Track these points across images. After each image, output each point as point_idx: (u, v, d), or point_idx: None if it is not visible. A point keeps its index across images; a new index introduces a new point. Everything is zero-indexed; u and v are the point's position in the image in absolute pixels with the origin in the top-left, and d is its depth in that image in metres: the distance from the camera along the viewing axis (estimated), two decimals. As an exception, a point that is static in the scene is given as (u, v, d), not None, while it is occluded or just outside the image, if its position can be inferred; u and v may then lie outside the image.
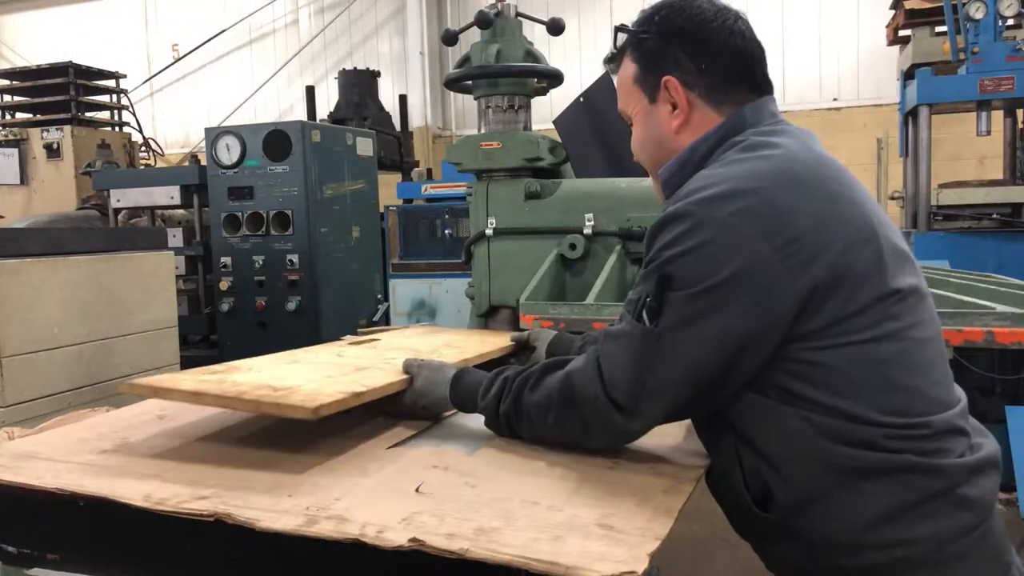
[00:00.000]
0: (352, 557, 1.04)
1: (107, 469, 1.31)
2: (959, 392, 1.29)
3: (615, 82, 1.51)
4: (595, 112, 2.88)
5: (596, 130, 2.89)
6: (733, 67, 1.37)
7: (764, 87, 1.40)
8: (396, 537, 1.02)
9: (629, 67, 1.44)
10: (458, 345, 2.06)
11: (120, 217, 5.23)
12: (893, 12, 6.56)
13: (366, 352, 1.92)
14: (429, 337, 2.21)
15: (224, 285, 4.78)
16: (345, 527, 1.06)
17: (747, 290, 1.15)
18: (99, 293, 3.17)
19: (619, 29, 1.46)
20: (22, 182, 6.73)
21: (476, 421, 1.56)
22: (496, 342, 2.13)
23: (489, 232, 2.59)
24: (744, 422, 1.23)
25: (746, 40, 1.38)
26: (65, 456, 1.38)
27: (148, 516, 1.17)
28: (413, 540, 1.00)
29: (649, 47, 1.40)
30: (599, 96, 2.90)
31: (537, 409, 1.36)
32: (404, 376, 1.60)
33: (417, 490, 1.20)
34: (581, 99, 2.82)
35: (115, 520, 1.22)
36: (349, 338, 2.26)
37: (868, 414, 1.16)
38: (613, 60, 1.51)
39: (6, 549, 1.28)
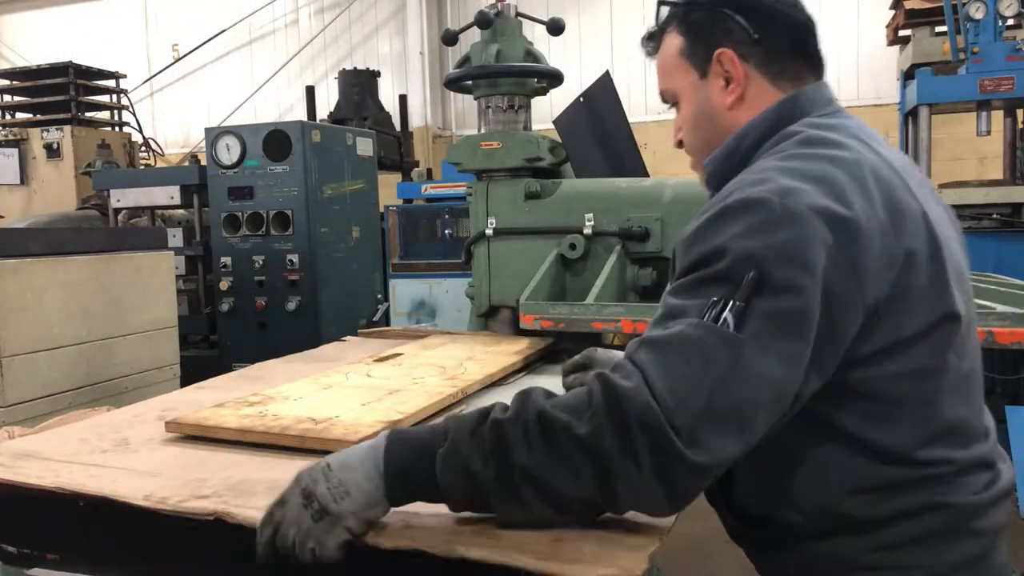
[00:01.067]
0: (345, 556, 1.04)
1: (108, 469, 1.32)
2: (989, 419, 1.22)
3: (656, 60, 1.38)
4: (595, 112, 2.88)
5: (596, 130, 2.89)
6: (789, 37, 1.26)
7: (819, 65, 1.29)
8: (394, 539, 1.02)
9: (674, 41, 1.32)
10: (481, 358, 2.08)
11: (120, 217, 5.23)
12: (893, 12, 6.56)
13: (394, 371, 1.93)
14: (452, 350, 2.22)
15: (224, 285, 4.77)
16: None
17: (826, 304, 1.01)
18: (99, 293, 3.17)
19: (661, 2, 1.35)
20: (22, 182, 6.72)
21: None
22: (519, 348, 2.17)
23: (489, 232, 2.59)
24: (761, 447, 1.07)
25: (800, 9, 1.28)
26: (65, 456, 1.38)
27: (148, 516, 1.17)
28: (410, 541, 1.00)
29: (698, 17, 1.29)
30: (599, 96, 2.90)
31: (547, 457, 1.00)
32: (438, 399, 1.61)
33: None
34: (581, 99, 2.82)
35: (115, 520, 1.22)
36: (352, 338, 2.27)
37: (904, 449, 1.08)
38: (653, 37, 1.38)
39: (6, 549, 1.28)
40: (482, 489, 1.02)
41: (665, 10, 1.35)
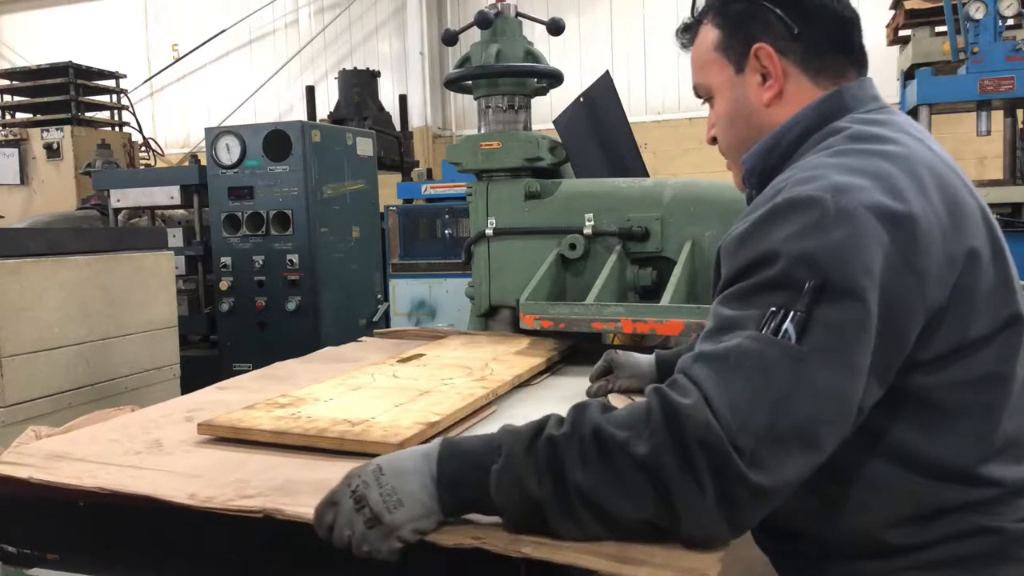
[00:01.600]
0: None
1: (145, 470, 1.30)
2: None
3: (691, 53, 1.33)
4: (595, 112, 2.88)
5: (596, 130, 2.89)
6: (831, 32, 1.21)
7: (862, 61, 1.24)
8: (455, 536, 1.00)
9: (710, 34, 1.27)
10: (505, 359, 2.07)
11: (120, 217, 5.23)
12: (893, 12, 6.56)
13: (420, 372, 1.93)
14: (473, 351, 2.21)
15: (224, 285, 4.78)
16: None
17: (885, 308, 0.96)
18: (99, 293, 3.17)
19: None
20: (22, 182, 6.72)
21: (517, 424, 1.54)
22: (542, 349, 2.18)
23: (489, 232, 2.59)
24: None
25: (842, 3, 1.22)
26: (98, 457, 1.37)
27: (148, 516, 1.17)
28: (475, 538, 0.98)
29: (736, 9, 1.24)
30: (599, 96, 2.90)
31: (604, 477, 0.94)
32: (471, 400, 1.60)
33: None
34: (581, 99, 2.82)
35: (115, 520, 1.22)
36: (368, 338, 2.27)
37: (962, 464, 1.03)
38: (689, 29, 1.33)
39: (6, 549, 1.28)
40: (538, 508, 0.96)
41: (702, 1, 1.31)
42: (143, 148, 7.63)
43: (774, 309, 0.95)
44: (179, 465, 1.33)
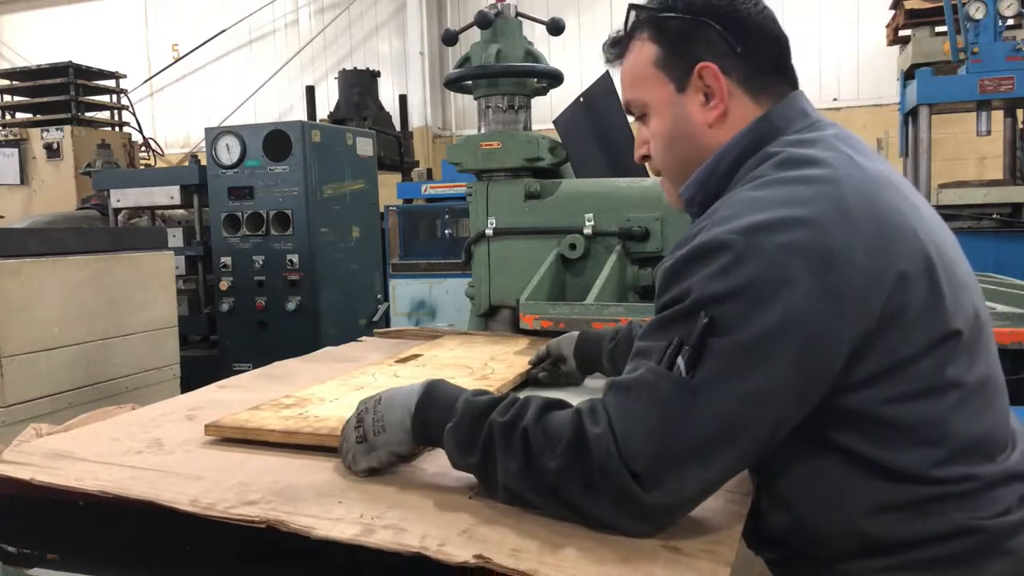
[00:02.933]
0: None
1: (146, 471, 1.29)
2: (1016, 427, 1.16)
3: (622, 68, 1.31)
4: (595, 112, 2.88)
5: (596, 130, 2.89)
6: (769, 51, 1.21)
7: (795, 82, 1.25)
8: (459, 552, 0.99)
9: (647, 49, 1.24)
10: (504, 358, 2.07)
11: (120, 217, 5.23)
12: (893, 12, 6.56)
13: (421, 372, 1.93)
14: (471, 350, 2.21)
15: (224, 285, 4.78)
16: (403, 538, 1.03)
17: (797, 338, 0.98)
18: (99, 293, 3.17)
19: (633, 7, 1.28)
20: (22, 182, 6.73)
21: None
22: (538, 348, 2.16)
23: (489, 232, 2.59)
24: (768, 465, 1.11)
25: (777, 24, 1.23)
26: (98, 456, 1.36)
27: (148, 516, 1.17)
28: (478, 557, 0.98)
29: (676, 26, 1.21)
30: (599, 96, 2.90)
31: (522, 473, 1.07)
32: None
33: (470, 497, 1.19)
34: (581, 99, 2.83)
35: (115, 520, 1.21)
36: (368, 338, 2.27)
37: (920, 470, 1.04)
38: (618, 44, 1.31)
39: (6, 549, 1.28)
40: (471, 469, 1.14)
41: (634, 15, 1.28)
42: (143, 148, 7.64)
43: (672, 342, 1.01)
44: (180, 466, 1.33)
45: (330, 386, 1.75)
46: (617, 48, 1.31)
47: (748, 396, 0.99)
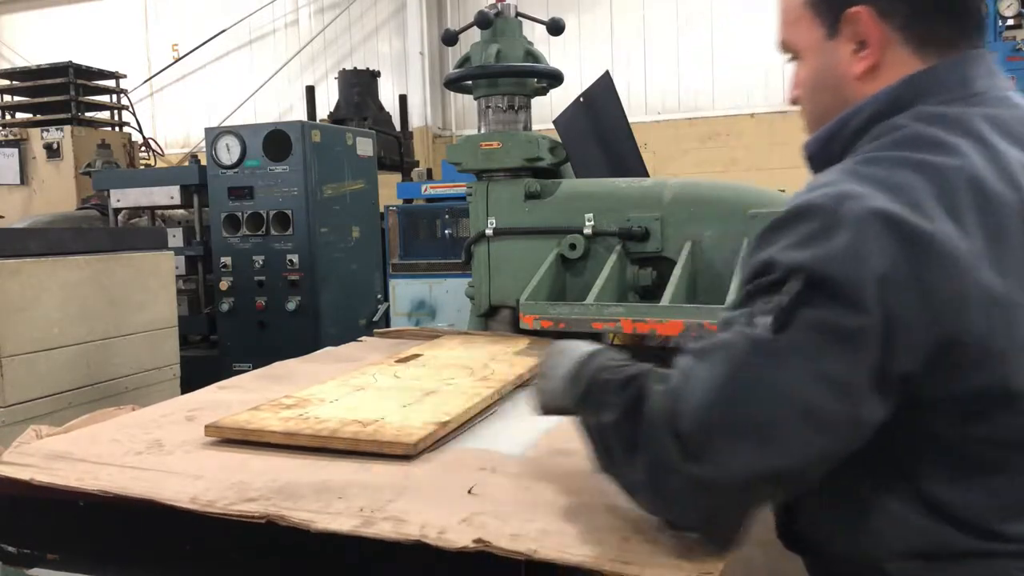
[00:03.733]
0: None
1: (146, 472, 1.30)
2: None
3: (779, 4, 1.17)
4: (595, 112, 2.87)
5: (596, 130, 2.88)
6: None
7: (976, 30, 1.06)
8: (459, 538, 1.00)
9: None
10: (503, 359, 2.07)
11: (120, 217, 5.23)
12: (893, 12, 6.56)
13: (421, 372, 1.94)
14: (471, 351, 2.22)
15: (224, 285, 4.77)
16: (404, 528, 1.04)
17: (886, 318, 0.88)
18: (99, 293, 3.17)
19: None
20: (22, 182, 6.72)
21: (518, 423, 1.54)
22: (539, 349, 2.15)
23: (489, 232, 2.59)
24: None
25: None
26: (99, 457, 1.37)
27: (148, 516, 1.17)
28: (478, 541, 0.98)
29: None
30: (599, 96, 2.90)
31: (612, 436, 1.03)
32: (477, 400, 1.63)
33: (470, 492, 1.19)
34: (581, 99, 2.82)
35: (115, 520, 1.22)
36: (368, 338, 2.26)
37: (985, 521, 0.95)
38: None
39: (6, 549, 1.28)
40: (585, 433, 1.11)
41: None
42: (143, 148, 7.63)
43: (758, 309, 0.93)
44: (180, 466, 1.33)
45: (330, 386, 1.75)
46: None
47: (825, 378, 0.88)
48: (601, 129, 2.90)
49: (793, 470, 0.92)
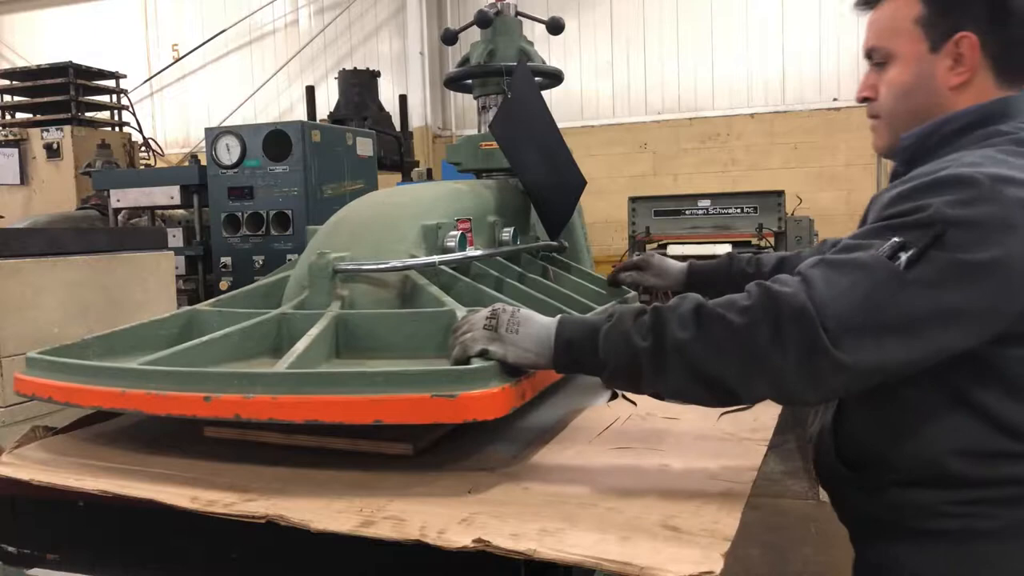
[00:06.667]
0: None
1: (146, 472, 1.29)
2: None
3: (875, 14, 1.37)
4: (522, 106, 2.42)
5: (529, 125, 2.43)
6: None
7: None
8: (459, 538, 1.00)
9: (912, 6, 1.30)
10: None
11: (120, 217, 5.23)
12: (893, 12, 6.55)
13: None
14: None
15: (224, 285, 4.77)
16: (404, 528, 1.04)
17: (1006, 281, 1.09)
18: (99, 293, 3.16)
19: None
20: (22, 182, 6.72)
21: (518, 423, 1.53)
22: None
23: (489, 232, 2.57)
24: (882, 398, 1.23)
25: None
26: (100, 457, 1.37)
27: (148, 516, 1.17)
28: (478, 540, 0.98)
29: None
30: (520, 87, 2.42)
31: (697, 334, 1.13)
32: None
33: (470, 492, 1.19)
34: (508, 94, 2.46)
35: (115, 520, 1.22)
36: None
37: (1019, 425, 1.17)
38: None
39: (6, 549, 1.28)
40: (635, 358, 1.16)
41: None
42: (143, 148, 7.62)
43: (897, 240, 1.10)
44: (180, 465, 1.33)
45: None
46: None
47: (942, 311, 1.08)
48: (529, 124, 2.56)
49: (902, 366, 1.12)
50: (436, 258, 1.64)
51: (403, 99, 8.65)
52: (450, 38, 2.63)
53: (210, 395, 1.22)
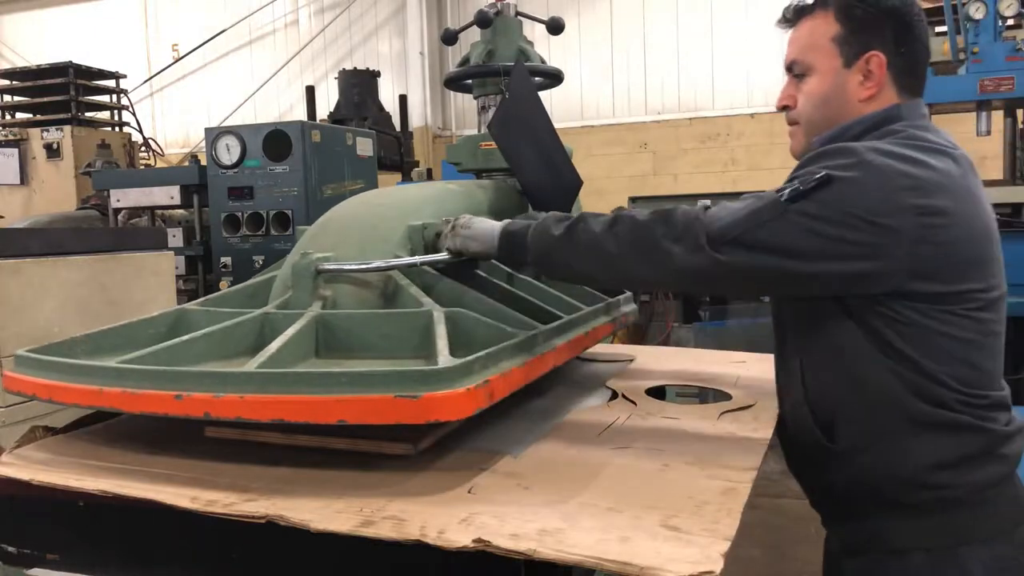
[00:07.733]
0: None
1: (146, 471, 1.30)
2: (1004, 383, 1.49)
3: (796, 30, 1.54)
4: (520, 106, 2.39)
5: (524, 125, 2.41)
6: (920, 58, 1.49)
7: (922, 87, 1.51)
8: (459, 538, 1.00)
9: (830, 25, 1.48)
10: None
11: (120, 217, 5.23)
12: (893, 12, 6.54)
13: None
14: None
15: (224, 285, 4.77)
16: (404, 528, 1.04)
17: (878, 231, 1.26)
18: (99, 293, 3.16)
19: None
20: (22, 182, 6.72)
21: (518, 423, 1.54)
22: None
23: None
24: (834, 359, 1.39)
25: (928, 36, 1.50)
26: (100, 457, 1.37)
27: (148, 516, 1.17)
28: (478, 540, 0.99)
29: (862, 16, 1.45)
30: (518, 88, 2.54)
31: (607, 227, 1.39)
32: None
33: (470, 492, 1.19)
34: (506, 95, 2.47)
35: (115, 520, 1.22)
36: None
37: (946, 378, 1.34)
38: (803, 12, 1.53)
39: (6, 549, 1.28)
40: (555, 241, 1.43)
41: None
42: (143, 148, 7.63)
43: (790, 185, 1.30)
44: (180, 465, 1.33)
45: None
46: (802, 15, 1.54)
47: (817, 242, 1.26)
48: (530, 126, 2.62)
49: (762, 287, 1.41)
50: (418, 259, 1.63)
51: (403, 99, 8.65)
52: (450, 38, 2.63)
53: (181, 394, 1.23)
